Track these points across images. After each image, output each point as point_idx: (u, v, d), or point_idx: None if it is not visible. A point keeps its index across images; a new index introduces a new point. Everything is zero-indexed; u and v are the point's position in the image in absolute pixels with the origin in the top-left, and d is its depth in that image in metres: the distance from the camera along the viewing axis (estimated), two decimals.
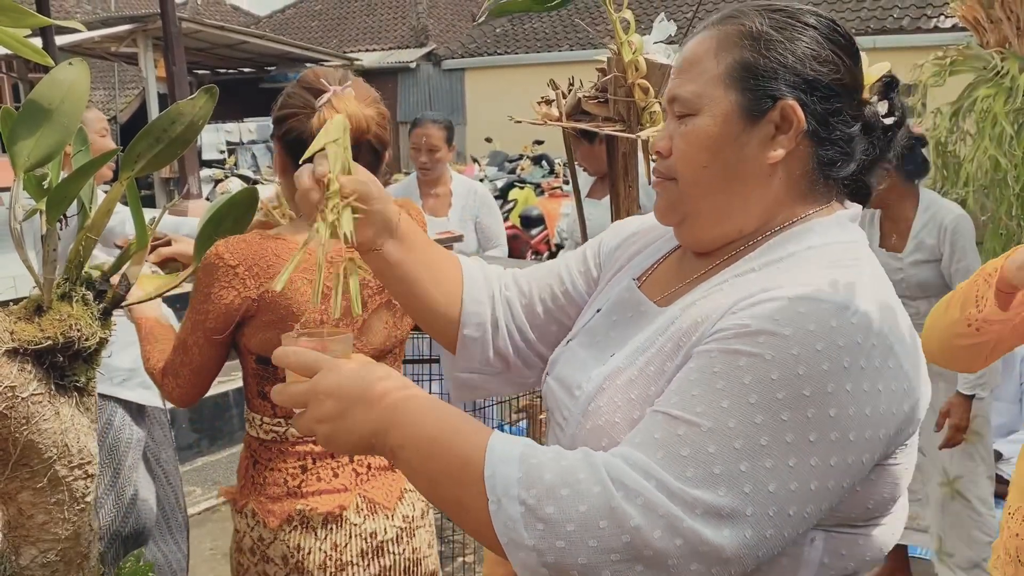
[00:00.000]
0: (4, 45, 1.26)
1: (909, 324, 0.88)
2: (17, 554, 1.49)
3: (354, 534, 1.65)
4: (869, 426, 0.80)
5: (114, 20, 12.34)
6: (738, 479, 0.76)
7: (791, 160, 0.92)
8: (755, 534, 0.76)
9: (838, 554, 0.87)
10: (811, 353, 0.79)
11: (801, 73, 0.90)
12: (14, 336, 1.31)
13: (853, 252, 0.91)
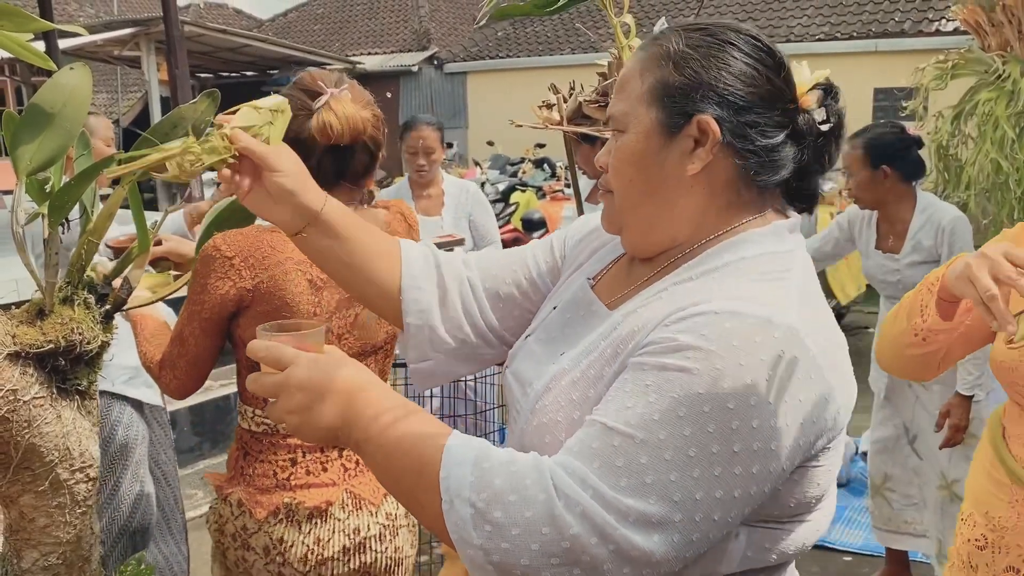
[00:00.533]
0: (7, 50, 1.27)
1: (833, 331, 0.93)
2: (19, 557, 1.49)
3: (337, 529, 1.67)
4: (790, 435, 0.84)
5: (117, 24, 12.37)
6: (668, 488, 0.81)
7: (712, 171, 0.96)
8: (683, 539, 0.82)
9: (761, 547, 0.92)
10: (735, 368, 0.83)
11: (716, 89, 0.94)
12: (16, 340, 1.31)
13: (785, 263, 0.94)
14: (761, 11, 13.00)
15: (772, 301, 0.87)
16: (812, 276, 0.97)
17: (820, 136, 0.98)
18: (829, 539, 3.47)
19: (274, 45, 14.51)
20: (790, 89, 0.97)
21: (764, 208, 0.99)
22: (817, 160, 0.99)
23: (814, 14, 12.47)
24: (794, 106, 0.97)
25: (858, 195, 2.96)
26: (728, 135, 0.94)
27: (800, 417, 0.85)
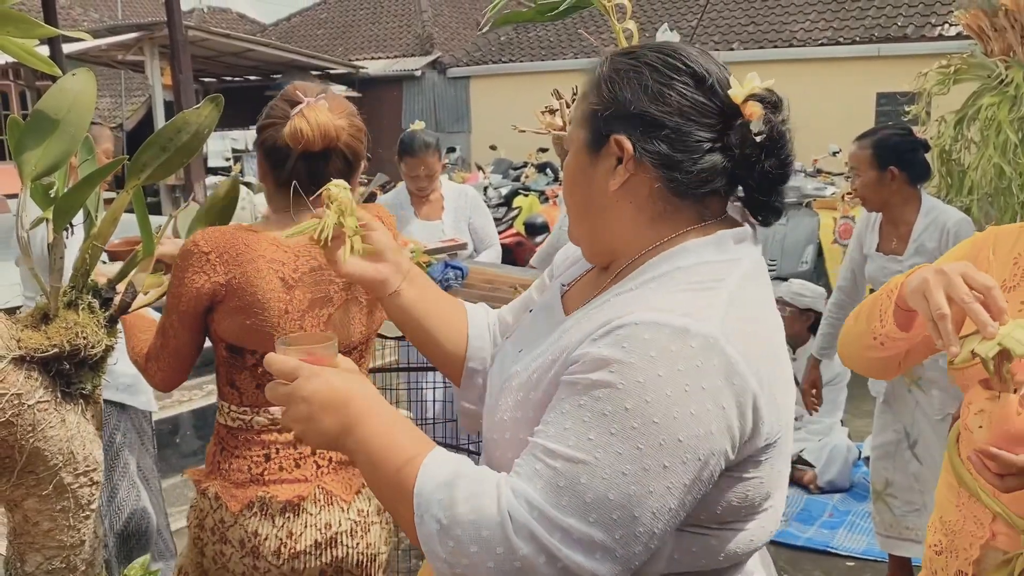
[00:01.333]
0: (13, 55, 1.27)
1: (767, 339, 0.94)
2: (23, 561, 1.49)
3: (309, 524, 1.72)
4: (716, 442, 0.87)
5: (121, 28, 12.41)
6: (606, 507, 0.85)
7: (634, 186, 1.00)
8: (625, 553, 0.86)
9: (689, 551, 0.95)
10: (654, 380, 0.85)
11: (630, 108, 0.99)
12: (21, 344, 1.31)
13: (719, 272, 0.96)
14: (764, 16, 13.01)
15: (693, 310, 0.89)
16: (755, 284, 0.98)
17: (755, 148, 0.98)
18: (832, 544, 3.46)
19: (277, 50, 14.54)
20: (716, 103, 0.99)
21: (704, 218, 1.01)
22: (748, 172, 1.00)
23: (817, 19, 12.48)
24: (722, 119, 0.98)
25: (864, 195, 2.96)
26: (643, 152, 0.98)
27: (724, 423, 0.87)
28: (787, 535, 3.54)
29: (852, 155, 2.99)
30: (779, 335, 0.98)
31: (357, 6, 20.49)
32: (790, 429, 0.98)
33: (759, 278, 1.00)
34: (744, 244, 1.01)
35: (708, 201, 1.01)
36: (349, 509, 1.75)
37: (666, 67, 0.99)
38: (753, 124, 0.97)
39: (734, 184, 1.02)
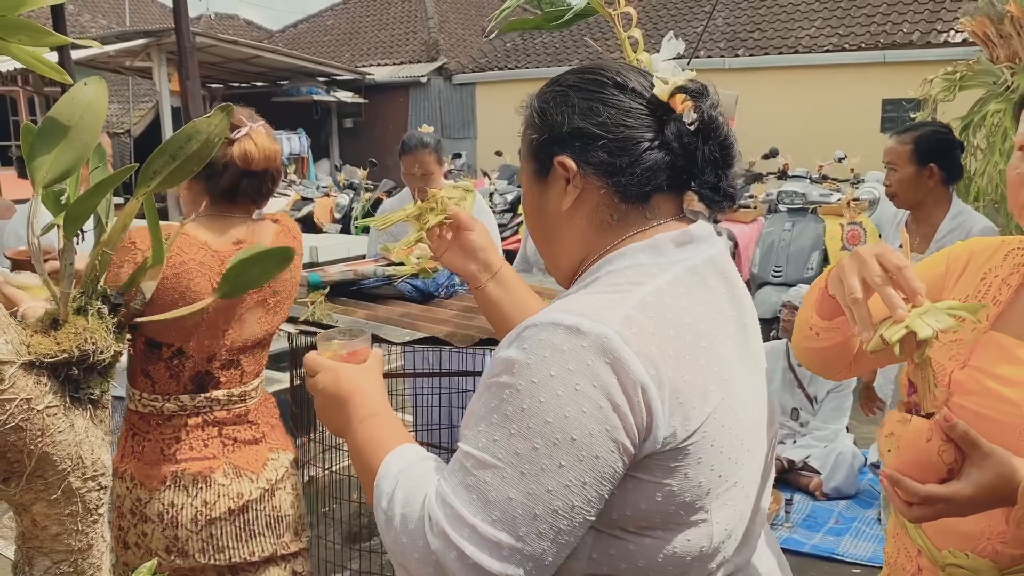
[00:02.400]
0: (23, 63, 1.28)
1: (676, 343, 0.93)
2: (31, 565, 1.50)
3: (222, 494, 1.94)
4: (609, 439, 0.88)
5: (129, 35, 12.46)
6: (509, 506, 0.88)
7: (585, 200, 1.05)
8: (532, 550, 0.88)
9: (607, 553, 0.95)
10: (547, 380, 0.88)
11: (564, 130, 1.04)
12: (31, 349, 1.32)
13: (644, 275, 0.98)
14: (769, 23, 13.02)
15: (592, 311, 0.91)
16: (686, 288, 0.98)
17: (692, 137, 1.02)
18: (838, 551, 3.46)
19: (284, 56, 14.59)
20: (645, 105, 1.03)
21: (651, 221, 1.04)
22: (691, 162, 1.03)
23: (822, 25, 12.49)
24: (655, 119, 1.03)
25: (898, 191, 2.90)
26: (587, 166, 1.03)
27: (616, 421, 0.88)
28: (792, 542, 3.53)
29: (890, 150, 2.93)
30: (706, 340, 0.96)
31: (364, 13, 20.56)
32: (722, 443, 0.95)
33: (697, 282, 1.00)
34: (688, 247, 1.02)
35: (655, 202, 1.04)
36: (258, 479, 1.98)
37: (589, 84, 1.05)
38: (685, 115, 1.01)
39: (683, 180, 1.05)
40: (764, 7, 13.39)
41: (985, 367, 1.15)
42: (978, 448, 0.99)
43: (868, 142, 9.95)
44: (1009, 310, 1.19)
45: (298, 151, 15.53)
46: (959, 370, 1.17)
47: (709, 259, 1.02)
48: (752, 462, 1.02)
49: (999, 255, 1.25)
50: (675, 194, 1.06)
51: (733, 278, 1.05)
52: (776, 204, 6.74)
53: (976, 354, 1.17)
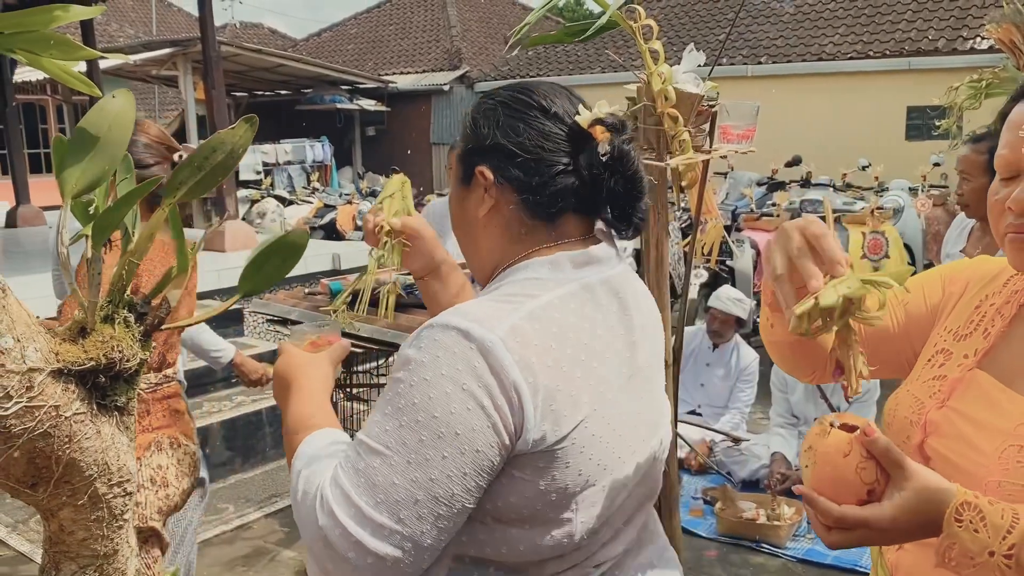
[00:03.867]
0: (54, 76, 1.31)
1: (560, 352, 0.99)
2: (57, 570, 1.52)
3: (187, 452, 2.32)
4: (489, 435, 0.96)
5: (155, 44, 12.61)
6: (392, 491, 0.95)
7: (499, 211, 1.12)
8: (411, 533, 0.94)
9: (475, 537, 1.03)
10: (437, 377, 0.96)
11: (490, 142, 1.11)
12: (59, 357, 1.34)
13: (538, 289, 1.05)
14: (792, 30, 12.96)
15: (485, 317, 0.98)
16: (577, 304, 1.05)
17: (601, 168, 1.07)
18: (861, 563, 3.42)
19: (308, 64, 14.71)
20: (564, 130, 1.09)
21: (556, 239, 1.10)
22: (597, 191, 1.09)
23: (846, 32, 12.41)
24: (572, 145, 1.09)
25: (971, 202, 2.81)
26: (502, 179, 1.10)
27: (496, 419, 0.95)
28: (815, 553, 3.51)
29: (964, 158, 2.84)
30: (587, 354, 1.03)
31: (387, 21, 20.69)
32: (591, 450, 1.02)
33: (589, 300, 1.07)
34: (585, 267, 1.08)
35: (562, 221, 1.10)
36: (143, 466, 2.20)
37: (517, 103, 1.12)
38: (600, 146, 1.06)
39: (591, 205, 1.11)
40: (787, 14, 13.34)
41: (963, 409, 1.03)
42: (902, 468, 0.89)
43: (893, 150, 9.87)
44: (998, 346, 1.07)
45: (321, 159, 15.63)
46: (936, 410, 1.06)
47: (605, 280, 1.09)
48: (623, 469, 1.08)
49: (999, 281, 1.13)
50: (584, 216, 1.12)
51: (628, 299, 1.11)
52: (799, 212, 6.70)
53: (957, 393, 1.05)
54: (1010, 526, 0.85)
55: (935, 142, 8.45)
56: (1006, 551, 0.84)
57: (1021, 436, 0.95)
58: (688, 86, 1.40)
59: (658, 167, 1.47)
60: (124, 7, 20.92)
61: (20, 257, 7.78)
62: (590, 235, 1.13)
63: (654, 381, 1.17)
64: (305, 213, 11.32)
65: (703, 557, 3.62)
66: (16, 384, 1.27)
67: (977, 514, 0.86)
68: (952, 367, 1.08)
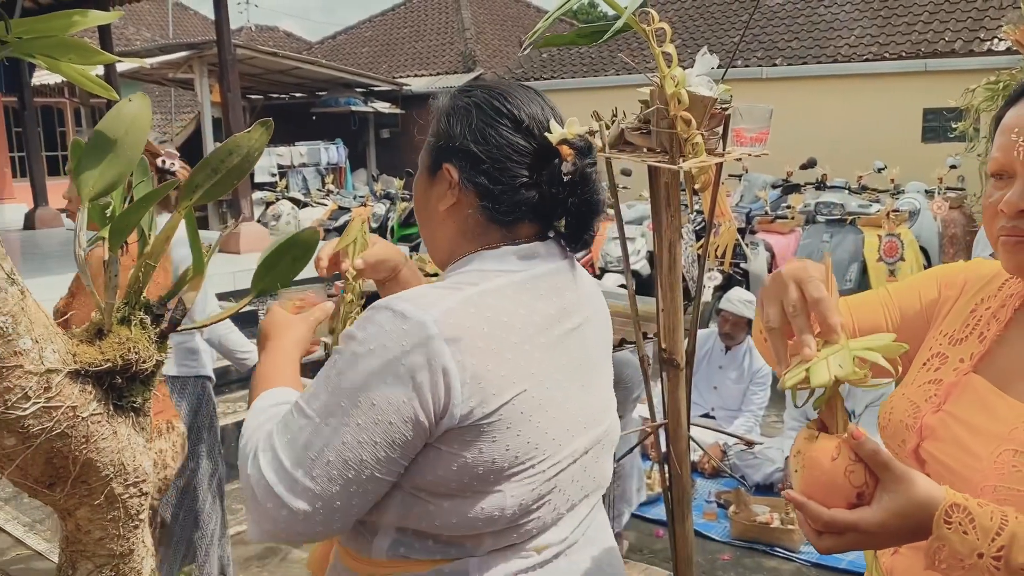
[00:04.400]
0: (73, 81, 1.33)
1: (493, 339, 1.05)
2: (74, 569, 1.54)
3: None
4: (405, 410, 1.01)
5: (171, 47, 12.70)
6: (308, 448, 1.03)
7: (460, 209, 1.16)
8: (322, 491, 1.02)
9: (411, 510, 1.09)
10: (367, 353, 1.02)
11: (457, 143, 1.15)
12: (76, 358, 1.36)
13: (480, 278, 1.11)
14: (807, 31, 12.91)
15: (424, 301, 1.05)
16: (516, 292, 1.11)
17: (562, 186, 1.12)
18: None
19: (323, 67, 14.77)
20: (533, 144, 1.13)
21: (508, 239, 1.15)
22: (555, 208, 1.14)
23: (862, 34, 12.35)
24: (538, 159, 1.13)
25: None
26: (467, 182, 1.14)
27: (416, 397, 1.01)
28: (828, 557, 3.49)
29: None
30: (518, 338, 1.08)
31: (401, 24, 20.75)
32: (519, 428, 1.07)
33: (528, 290, 1.12)
34: (529, 260, 1.14)
35: (518, 227, 1.16)
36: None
37: (491, 109, 1.15)
38: (564, 165, 1.10)
39: (547, 217, 1.16)
40: (803, 16, 13.28)
41: (958, 413, 1.03)
42: (890, 470, 0.88)
43: (909, 152, 9.80)
44: (993, 350, 1.07)
45: (335, 161, 15.69)
46: (932, 414, 1.06)
47: (546, 273, 1.15)
48: (560, 451, 1.12)
49: (994, 284, 1.13)
50: (539, 224, 1.17)
51: (567, 293, 1.17)
52: (814, 215, 6.67)
53: (952, 398, 1.05)
54: (999, 528, 0.84)
55: (952, 144, 8.38)
56: (995, 553, 0.84)
57: (1016, 440, 0.95)
58: (701, 89, 1.40)
59: (671, 170, 1.47)
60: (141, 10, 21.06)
61: (38, 259, 7.85)
62: (541, 235, 1.19)
63: (598, 373, 1.22)
64: (320, 215, 11.36)
65: (717, 561, 3.61)
66: (34, 385, 1.29)
67: (966, 516, 0.86)
68: (948, 371, 1.08)
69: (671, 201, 1.55)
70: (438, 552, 1.12)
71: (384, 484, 1.06)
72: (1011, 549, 0.83)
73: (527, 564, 1.14)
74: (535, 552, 1.14)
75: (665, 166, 1.47)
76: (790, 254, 6.55)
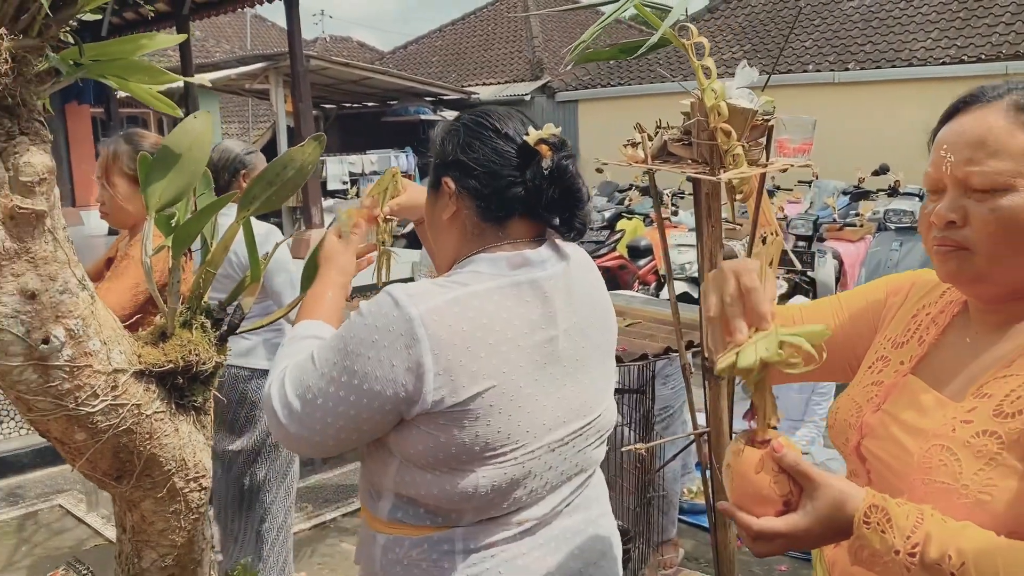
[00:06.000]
0: (142, 100, 1.41)
1: (472, 336, 1.20)
2: (139, 557, 1.63)
3: None
4: (385, 386, 1.19)
5: (248, 59, 13.08)
6: (309, 390, 1.24)
7: (460, 216, 1.32)
8: (308, 424, 1.24)
9: (404, 478, 1.27)
10: (366, 327, 1.21)
11: (452, 158, 1.32)
12: (141, 359, 1.45)
13: (472, 280, 1.26)
14: (882, 34, 12.61)
15: (419, 295, 1.21)
16: (500, 297, 1.24)
17: (543, 179, 1.27)
18: None
19: (393, 77, 15.03)
20: (515, 148, 1.29)
21: (502, 240, 1.31)
22: (538, 199, 1.28)
23: (939, 36, 12.00)
24: (522, 160, 1.28)
25: None
26: (462, 189, 1.31)
27: (392, 377, 1.19)
28: None
29: None
30: (495, 339, 1.22)
31: (470, 33, 20.96)
32: (488, 418, 1.22)
33: (513, 295, 1.26)
34: (520, 268, 1.28)
35: (510, 224, 1.31)
36: None
37: (476, 125, 1.33)
38: (544, 161, 1.26)
39: (537, 210, 1.30)
40: (877, 19, 12.97)
41: (895, 412, 1.09)
42: (811, 479, 0.95)
43: None
44: (931, 353, 1.12)
45: (405, 169, 15.94)
46: (872, 413, 1.12)
47: (533, 280, 1.28)
48: (534, 443, 1.27)
49: (937, 291, 1.20)
50: (532, 221, 1.32)
51: (555, 298, 1.29)
52: (884, 222, 6.52)
53: (891, 398, 1.11)
54: (914, 526, 0.90)
55: None
56: (910, 550, 0.89)
57: (943, 436, 1.00)
58: (741, 101, 1.42)
59: (711, 181, 1.49)
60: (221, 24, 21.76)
61: None
62: (538, 237, 1.33)
63: (586, 371, 1.35)
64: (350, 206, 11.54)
65: (774, 571, 3.57)
66: (102, 384, 1.38)
67: (884, 516, 0.91)
68: (889, 373, 1.14)
69: (711, 212, 1.56)
70: (428, 519, 1.29)
71: (361, 439, 1.27)
72: (925, 546, 0.88)
73: (509, 534, 1.30)
74: (516, 525, 1.30)
75: (704, 177, 1.49)
76: (858, 262, 6.41)
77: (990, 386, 0.99)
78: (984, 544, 0.88)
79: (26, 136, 1.18)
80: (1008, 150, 0.97)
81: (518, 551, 1.30)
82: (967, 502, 0.93)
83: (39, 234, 1.23)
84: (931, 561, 0.88)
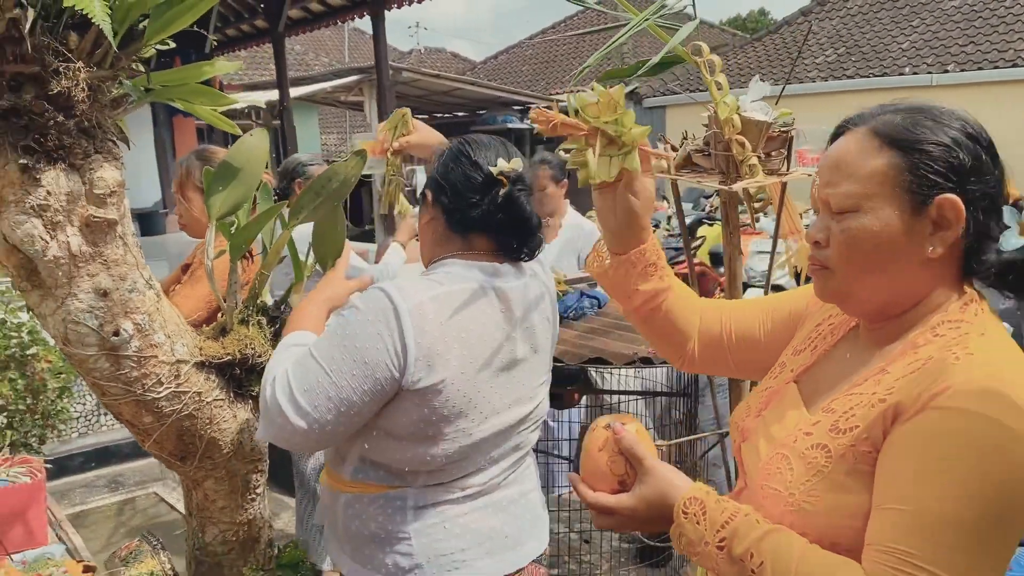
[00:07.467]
0: (204, 119, 1.58)
1: (451, 326, 1.39)
2: (203, 532, 1.80)
3: None
4: (383, 369, 1.35)
5: (344, 72, 13.51)
6: (312, 384, 1.36)
7: (433, 223, 1.54)
8: (318, 418, 1.35)
9: (374, 445, 1.45)
10: (361, 318, 1.36)
11: (434, 176, 1.53)
12: (202, 352, 1.61)
13: (449, 279, 1.45)
14: (984, 35, 12.11)
15: (409, 291, 1.39)
16: (473, 298, 1.43)
17: (496, 206, 1.48)
18: None
19: (481, 87, 15.26)
20: (483, 176, 1.48)
21: (466, 250, 1.51)
22: (491, 221, 1.48)
23: None
24: (487, 186, 1.48)
25: None
26: (436, 202, 1.53)
27: (387, 359, 1.35)
28: None
29: None
30: (466, 333, 1.41)
31: (561, 41, 21.08)
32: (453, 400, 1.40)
33: (482, 298, 1.45)
34: (489, 276, 1.48)
35: (471, 237, 1.51)
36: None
37: (458, 152, 1.54)
38: (501, 190, 1.47)
39: (490, 230, 1.50)
40: (980, 19, 12.46)
41: (768, 419, 1.13)
42: (643, 464, 1.05)
43: None
44: (817, 364, 1.15)
45: None
46: (753, 418, 1.17)
47: (499, 288, 1.49)
48: (485, 423, 1.46)
49: None
50: (488, 237, 1.51)
51: (515, 306, 1.51)
52: None
53: (771, 405, 1.15)
54: (725, 522, 0.97)
55: None
56: (717, 543, 0.97)
57: (787, 446, 1.05)
58: (756, 114, 1.48)
59: (728, 190, 1.55)
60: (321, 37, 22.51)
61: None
62: (497, 251, 1.53)
63: (531, 367, 1.56)
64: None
65: None
66: (167, 373, 1.55)
67: (700, 508, 0.99)
68: (781, 379, 1.16)
69: (729, 219, 1.63)
70: (386, 480, 1.48)
71: (363, 418, 1.40)
72: (731, 541, 0.96)
73: (452, 497, 1.50)
74: (460, 490, 1.50)
75: (718, 187, 1.56)
76: None
77: (838, 402, 1.02)
78: (784, 547, 0.94)
79: (100, 154, 1.34)
80: (857, 174, 1.00)
81: (460, 511, 1.50)
82: (792, 509, 0.99)
83: (111, 239, 1.39)
84: (736, 556, 0.95)
